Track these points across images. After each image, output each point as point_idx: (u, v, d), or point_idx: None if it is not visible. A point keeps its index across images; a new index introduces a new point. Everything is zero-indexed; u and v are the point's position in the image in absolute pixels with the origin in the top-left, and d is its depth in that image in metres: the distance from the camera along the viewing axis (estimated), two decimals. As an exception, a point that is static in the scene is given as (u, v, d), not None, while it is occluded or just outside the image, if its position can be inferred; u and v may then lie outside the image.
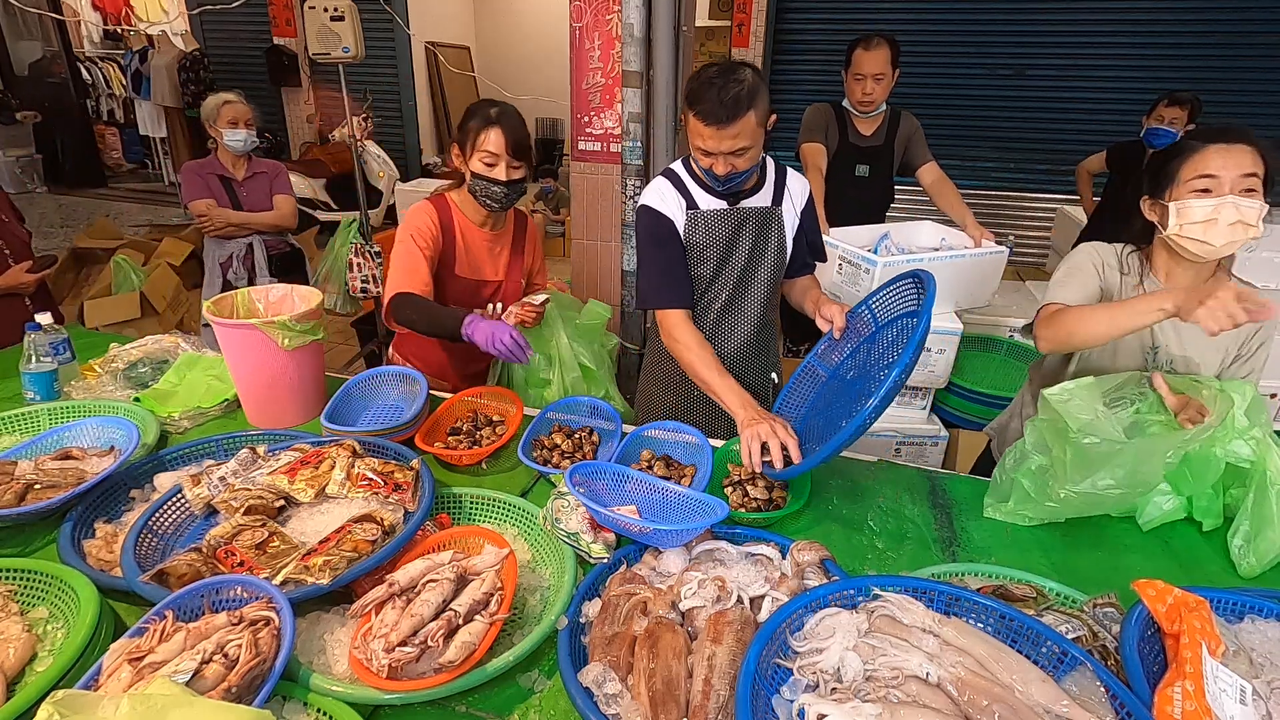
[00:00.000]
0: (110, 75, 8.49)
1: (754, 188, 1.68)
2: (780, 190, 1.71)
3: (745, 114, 1.44)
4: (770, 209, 1.70)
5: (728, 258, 1.71)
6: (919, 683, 0.86)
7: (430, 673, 0.95)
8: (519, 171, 1.78)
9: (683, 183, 1.66)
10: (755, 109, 1.45)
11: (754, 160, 1.54)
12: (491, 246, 1.94)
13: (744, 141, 1.48)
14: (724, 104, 1.43)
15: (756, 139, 1.50)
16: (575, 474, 1.27)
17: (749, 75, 1.46)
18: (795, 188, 1.73)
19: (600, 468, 1.37)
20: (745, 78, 1.45)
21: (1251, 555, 1.25)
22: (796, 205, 1.73)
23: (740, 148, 1.49)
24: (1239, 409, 1.28)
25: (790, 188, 1.72)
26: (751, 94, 1.44)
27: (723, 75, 1.44)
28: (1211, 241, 1.35)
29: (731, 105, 1.43)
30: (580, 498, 1.19)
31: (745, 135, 1.47)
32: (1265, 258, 3.55)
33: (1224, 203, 1.32)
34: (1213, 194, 1.34)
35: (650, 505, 1.31)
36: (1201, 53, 4.98)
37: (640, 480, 1.35)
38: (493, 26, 9.37)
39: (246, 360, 1.60)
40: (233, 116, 2.96)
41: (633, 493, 1.34)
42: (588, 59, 2.71)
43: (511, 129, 1.74)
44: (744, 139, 1.47)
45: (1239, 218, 1.32)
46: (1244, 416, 1.28)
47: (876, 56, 2.69)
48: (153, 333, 1.99)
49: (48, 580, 1.08)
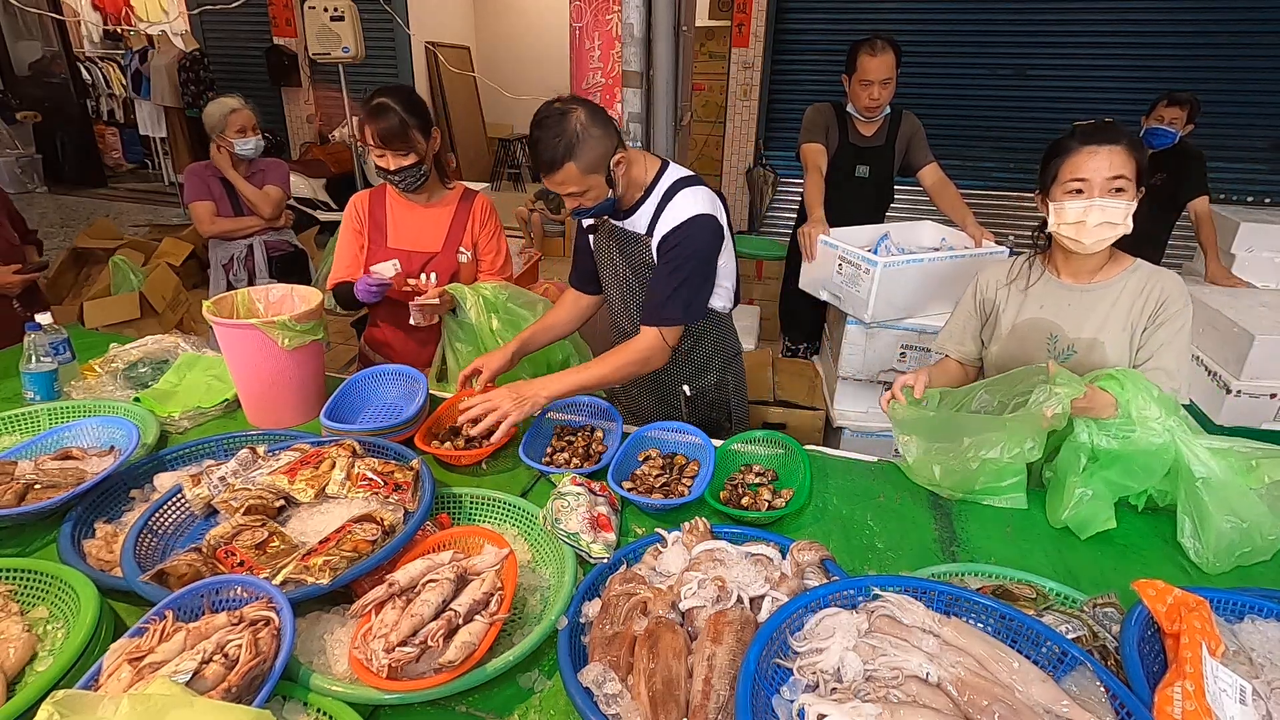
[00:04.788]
0: (110, 75, 8.48)
1: (632, 208, 1.63)
2: (655, 218, 1.60)
3: (563, 165, 1.45)
4: (634, 235, 1.66)
5: (607, 270, 1.77)
6: (919, 683, 0.86)
7: (430, 673, 0.95)
8: (406, 158, 1.83)
9: None
10: (576, 159, 1.45)
11: (598, 199, 1.53)
12: (425, 219, 1.99)
13: (571, 187, 1.49)
14: (540, 154, 1.46)
15: (587, 183, 1.49)
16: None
17: (574, 124, 1.44)
18: (667, 219, 1.58)
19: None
20: (567, 128, 1.43)
21: (1208, 552, 1.26)
22: (661, 235, 1.59)
23: (570, 191, 1.50)
24: (1129, 399, 1.31)
25: (664, 218, 1.58)
26: (569, 147, 1.44)
27: (550, 119, 1.45)
28: (1083, 240, 1.45)
29: (548, 155, 1.45)
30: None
31: (570, 182, 1.48)
32: (1265, 258, 3.55)
33: (1091, 205, 1.42)
34: (1084, 195, 1.42)
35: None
36: (1201, 53, 4.98)
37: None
38: (493, 26, 9.36)
39: (246, 360, 1.60)
40: (241, 125, 2.94)
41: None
42: (588, 59, 2.71)
43: (379, 122, 1.78)
44: (570, 185, 1.49)
45: (1104, 219, 1.42)
46: (1138, 409, 1.30)
47: (883, 62, 2.68)
48: (152, 333, 1.99)
49: (48, 580, 1.08)
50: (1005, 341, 1.66)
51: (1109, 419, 1.33)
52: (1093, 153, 1.41)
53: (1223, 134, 4.98)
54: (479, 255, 2.07)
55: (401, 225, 1.98)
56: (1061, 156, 1.46)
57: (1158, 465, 1.31)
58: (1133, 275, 1.54)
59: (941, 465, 1.42)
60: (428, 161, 1.89)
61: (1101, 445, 1.32)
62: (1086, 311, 1.56)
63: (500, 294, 1.95)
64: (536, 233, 6.40)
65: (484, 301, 1.91)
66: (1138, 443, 1.30)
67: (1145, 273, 1.54)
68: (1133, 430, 1.30)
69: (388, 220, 1.98)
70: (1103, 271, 1.56)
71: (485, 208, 2.06)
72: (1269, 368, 2.41)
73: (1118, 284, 1.54)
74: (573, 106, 1.46)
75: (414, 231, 1.98)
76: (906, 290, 2.38)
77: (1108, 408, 1.33)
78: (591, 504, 1.27)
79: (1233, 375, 2.46)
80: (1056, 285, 1.59)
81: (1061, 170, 1.46)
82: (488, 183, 7.02)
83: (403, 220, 1.98)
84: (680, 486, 1.42)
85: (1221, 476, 1.26)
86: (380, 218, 1.99)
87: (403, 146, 1.81)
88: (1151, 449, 1.29)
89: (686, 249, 1.58)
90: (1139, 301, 1.52)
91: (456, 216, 2.01)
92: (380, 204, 1.99)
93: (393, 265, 1.88)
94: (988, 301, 1.70)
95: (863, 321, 2.43)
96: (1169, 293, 1.50)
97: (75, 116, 8.35)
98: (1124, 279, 1.54)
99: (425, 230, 1.99)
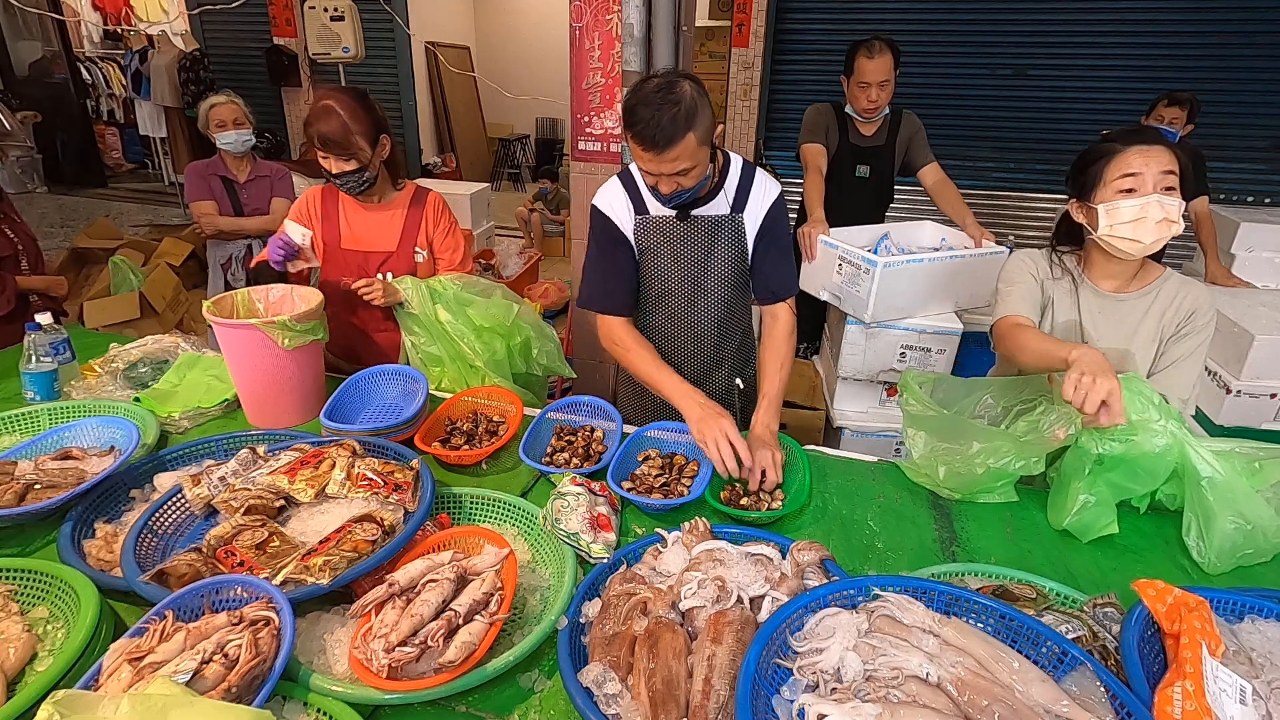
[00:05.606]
0: (110, 75, 8.47)
1: (710, 194, 1.60)
2: (744, 196, 1.61)
3: (684, 137, 1.37)
4: (727, 217, 1.62)
5: (677, 267, 1.68)
6: (919, 683, 0.86)
7: (430, 673, 0.95)
8: (349, 163, 1.80)
9: (636, 186, 1.62)
10: (695, 129, 1.37)
11: (700, 176, 1.48)
12: (379, 219, 1.99)
13: (685, 163, 1.41)
14: (660, 127, 1.35)
15: (699, 158, 1.42)
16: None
17: (688, 92, 1.37)
18: (759, 194, 1.61)
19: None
20: (682, 96, 1.36)
21: (1210, 553, 1.26)
22: (759, 213, 1.62)
23: (682, 169, 1.42)
24: (1137, 405, 1.30)
25: (755, 194, 1.61)
26: (689, 114, 1.36)
27: (660, 93, 1.36)
28: (1141, 239, 1.41)
29: (669, 128, 1.35)
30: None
31: (685, 157, 1.40)
32: (1265, 258, 3.55)
33: (1149, 201, 1.38)
34: (1137, 193, 1.40)
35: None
36: (1201, 53, 4.98)
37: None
38: (493, 26, 9.37)
39: (246, 360, 1.60)
40: (221, 118, 2.94)
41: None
42: (588, 59, 2.71)
43: (320, 125, 1.75)
44: (684, 160, 1.40)
45: (1164, 215, 1.38)
46: (1138, 412, 1.29)
47: (881, 64, 2.68)
48: (152, 333, 1.99)
49: (48, 580, 1.08)
50: None
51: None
52: (1143, 151, 1.39)
53: (1223, 134, 4.97)
54: (436, 253, 2.06)
55: (355, 226, 1.98)
56: (1106, 159, 1.43)
57: (1161, 468, 1.31)
58: (1164, 285, 1.53)
59: (947, 466, 1.42)
60: (372, 168, 1.85)
61: (1105, 450, 1.31)
62: (1119, 321, 1.55)
63: (450, 286, 1.91)
64: (536, 233, 6.40)
65: (427, 292, 1.88)
66: (1141, 446, 1.29)
67: (1176, 283, 1.53)
68: (1134, 434, 1.29)
69: (340, 220, 1.98)
70: (1136, 280, 1.54)
71: (438, 206, 2.05)
72: (1269, 368, 2.41)
73: (1149, 294, 1.53)
74: (677, 78, 1.39)
75: (368, 232, 1.98)
76: (906, 290, 2.38)
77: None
78: (591, 504, 1.27)
79: (1233, 375, 2.46)
80: (1092, 292, 1.58)
81: (1108, 171, 1.42)
82: (488, 183, 7.00)
83: (356, 221, 1.98)
84: (680, 486, 1.41)
85: (1226, 477, 1.26)
86: (334, 217, 1.98)
87: (343, 152, 1.78)
88: (1154, 452, 1.29)
89: (786, 222, 1.66)
90: (1169, 312, 1.51)
91: (410, 216, 2.01)
92: (333, 203, 1.98)
93: (304, 234, 1.89)
94: (1046, 285, 1.62)
95: (863, 321, 2.43)
96: (1199, 305, 1.49)
97: (75, 116, 8.35)
98: (1155, 288, 1.53)
99: (379, 231, 1.99)
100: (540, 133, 9.80)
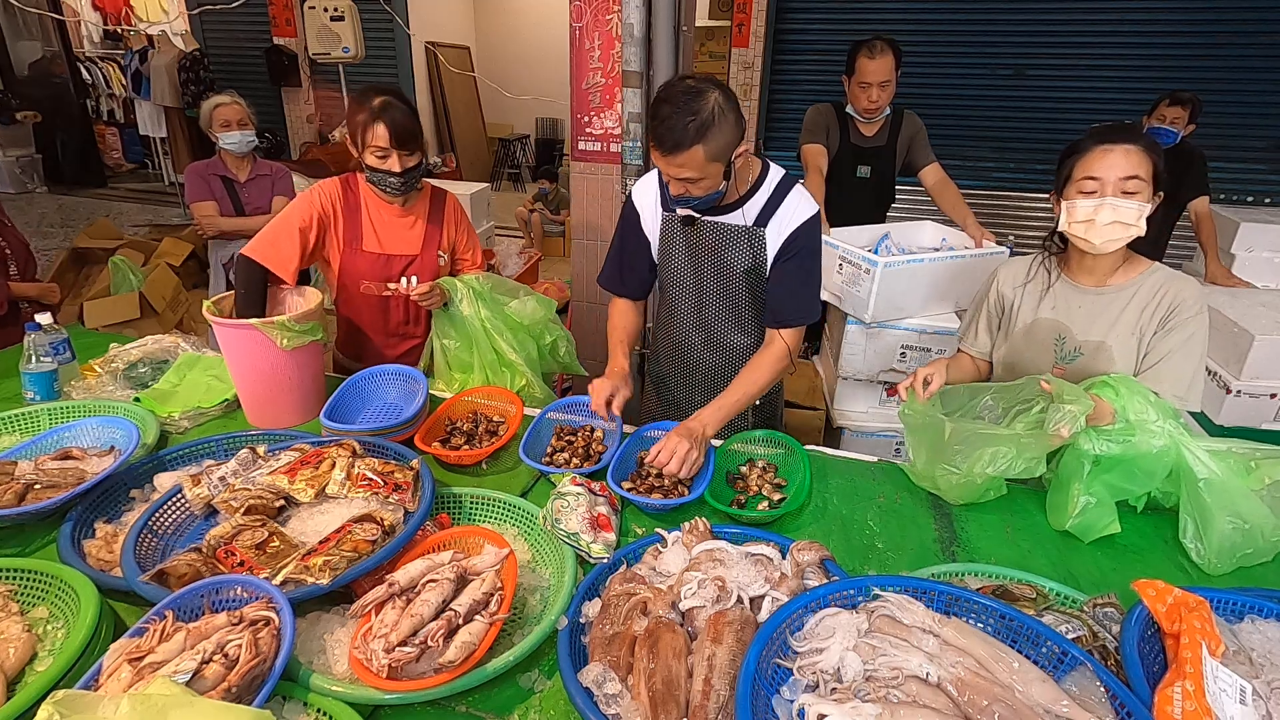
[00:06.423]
0: (110, 75, 8.48)
1: (735, 203, 1.58)
2: (770, 211, 1.57)
3: (690, 148, 1.35)
4: (743, 228, 1.59)
5: (684, 269, 1.69)
6: (919, 683, 0.86)
7: (430, 673, 0.95)
8: (412, 159, 1.78)
9: (666, 184, 1.61)
10: (706, 144, 1.35)
11: (710, 189, 1.46)
12: (402, 222, 1.94)
13: (690, 173, 1.40)
14: (671, 130, 1.35)
15: (708, 172, 1.41)
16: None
17: (710, 105, 1.35)
18: (788, 212, 1.57)
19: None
20: (702, 108, 1.34)
21: (1210, 553, 1.26)
22: (783, 231, 1.58)
23: (687, 177, 1.42)
24: (1125, 404, 1.32)
25: (784, 211, 1.57)
26: (703, 128, 1.34)
27: (685, 97, 1.35)
28: (1092, 240, 1.44)
29: (678, 135, 1.35)
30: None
31: (691, 167, 1.39)
32: (1265, 258, 3.55)
33: (1102, 204, 1.40)
34: (1096, 194, 1.41)
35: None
36: (1201, 53, 4.98)
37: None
38: (493, 26, 9.37)
39: (246, 360, 1.60)
40: (226, 118, 2.95)
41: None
42: (588, 59, 2.71)
43: (395, 121, 1.71)
44: (689, 170, 1.40)
45: (1115, 218, 1.40)
46: (1136, 413, 1.31)
47: (882, 64, 2.68)
48: (152, 333, 1.99)
49: (48, 580, 1.08)
50: (1014, 341, 1.65)
51: (1108, 425, 1.33)
52: (1107, 151, 1.39)
53: (1223, 134, 4.97)
54: (459, 255, 2.05)
55: (379, 228, 1.91)
56: (1076, 156, 1.45)
57: (1158, 468, 1.31)
58: (1148, 279, 1.51)
59: (947, 475, 1.41)
60: (426, 160, 1.86)
61: (1103, 451, 1.31)
62: (1096, 314, 1.54)
63: (484, 284, 1.92)
64: (536, 233, 6.40)
65: (473, 293, 1.89)
66: (1138, 446, 1.29)
67: (1161, 277, 1.50)
68: (1132, 434, 1.30)
69: (364, 219, 1.90)
70: (1117, 274, 1.53)
71: (456, 207, 2.04)
72: (1269, 368, 2.40)
73: (1131, 288, 1.52)
74: (708, 87, 1.37)
75: (390, 234, 1.92)
76: (907, 290, 2.38)
77: (1106, 415, 1.33)
78: (591, 504, 1.27)
79: (1233, 375, 2.46)
80: (1070, 287, 1.58)
81: (1075, 169, 1.44)
82: (488, 183, 7.01)
83: (380, 221, 1.91)
84: (680, 486, 1.42)
85: (1223, 478, 1.26)
86: (355, 218, 1.89)
87: (414, 144, 1.76)
88: (1152, 452, 1.29)
89: (813, 245, 1.60)
90: (1150, 306, 1.49)
91: (431, 217, 1.97)
92: (354, 200, 1.89)
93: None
94: (1005, 299, 1.68)
95: (863, 321, 2.43)
96: (1182, 299, 1.46)
97: (75, 116, 8.36)
98: (1138, 283, 1.51)
99: (401, 234, 1.93)
100: (540, 133, 9.80)
